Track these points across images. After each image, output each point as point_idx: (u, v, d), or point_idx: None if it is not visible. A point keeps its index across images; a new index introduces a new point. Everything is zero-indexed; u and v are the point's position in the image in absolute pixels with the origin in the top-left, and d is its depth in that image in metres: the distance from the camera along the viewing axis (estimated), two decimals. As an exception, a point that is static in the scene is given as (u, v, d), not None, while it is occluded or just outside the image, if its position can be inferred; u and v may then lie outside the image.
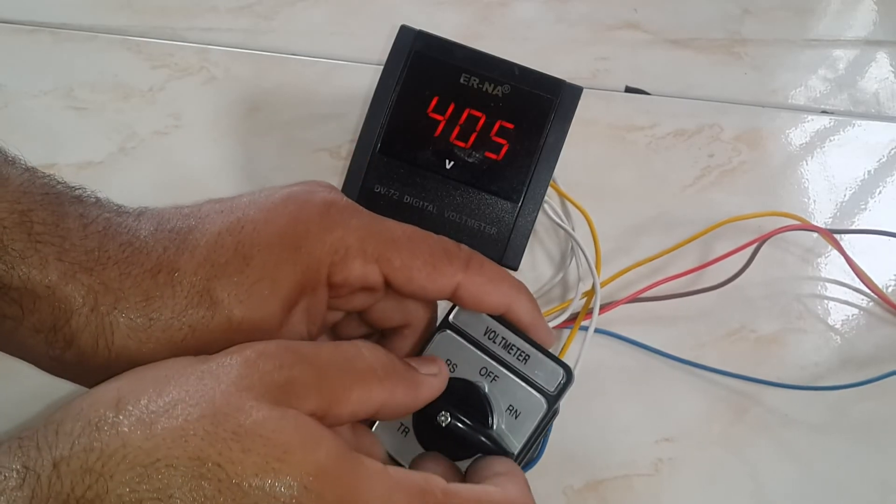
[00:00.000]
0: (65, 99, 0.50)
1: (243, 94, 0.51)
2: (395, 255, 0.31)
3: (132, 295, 0.28)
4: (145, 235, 0.30)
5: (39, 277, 0.27)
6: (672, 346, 0.43)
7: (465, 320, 0.34)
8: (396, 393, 0.29)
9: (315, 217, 0.31)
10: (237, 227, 0.30)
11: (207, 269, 0.29)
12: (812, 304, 0.46)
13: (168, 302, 0.28)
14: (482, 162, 0.39)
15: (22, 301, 0.27)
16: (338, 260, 0.31)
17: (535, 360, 0.33)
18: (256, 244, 0.30)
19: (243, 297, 0.29)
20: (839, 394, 0.42)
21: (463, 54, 0.39)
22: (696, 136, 0.51)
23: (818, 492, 0.41)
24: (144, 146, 0.49)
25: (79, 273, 0.28)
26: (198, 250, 0.29)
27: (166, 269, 0.29)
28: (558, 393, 0.32)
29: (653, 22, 0.56)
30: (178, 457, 0.23)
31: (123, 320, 0.28)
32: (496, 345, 0.33)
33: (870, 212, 0.49)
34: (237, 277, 0.29)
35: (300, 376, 0.26)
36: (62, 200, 0.29)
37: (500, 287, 0.32)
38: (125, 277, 0.28)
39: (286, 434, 0.24)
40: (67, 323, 0.28)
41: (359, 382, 0.28)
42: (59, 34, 0.53)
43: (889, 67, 0.55)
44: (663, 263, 0.45)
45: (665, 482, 0.41)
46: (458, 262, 0.32)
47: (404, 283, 0.31)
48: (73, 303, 0.28)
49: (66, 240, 0.28)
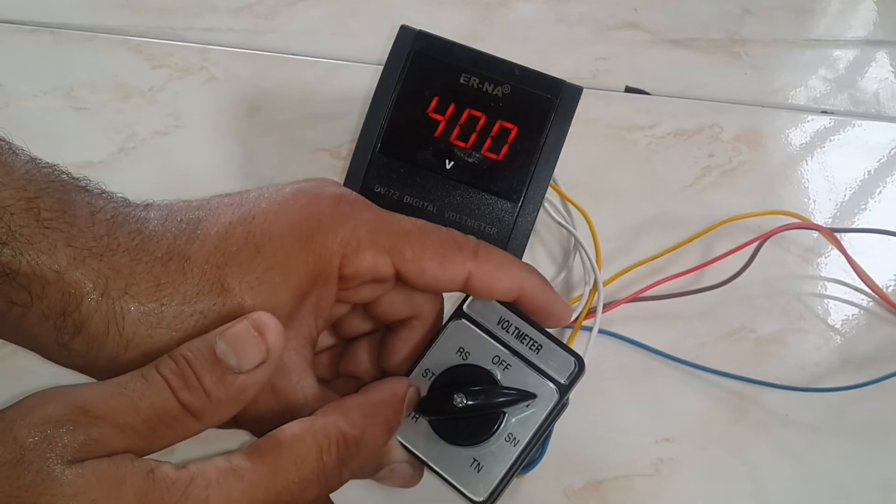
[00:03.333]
0: (65, 99, 0.50)
1: (243, 94, 0.51)
2: (406, 247, 0.31)
3: (143, 280, 0.28)
4: (155, 225, 0.29)
5: (48, 263, 0.27)
6: (672, 347, 0.43)
7: (478, 309, 0.34)
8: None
9: (327, 209, 0.31)
10: (248, 217, 0.30)
11: (219, 257, 0.29)
12: (812, 304, 0.46)
13: (179, 289, 0.28)
14: (482, 162, 0.39)
15: (31, 287, 0.27)
16: (350, 252, 0.31)
17: (548, 349, 0.33)
18: (268, 234, 0.30)
19: (255, 284, 0.29)
20: (839, 394, 0.42)
21: (463, 54, 0.39)
22: (696, 136, 0.51)
23: (818, 492, 0.41)
24: (144, 146, 0.49)
25: (89, 258, 0.28)
26: (209, 239, 0.29)
27: (177, 257, 0.29)
28: (570, 383, 0.32)
29: (653, 22, 0.56)
30: None
31: (134, 306, 0.28)
32: (509, 334, 0.33)
33: (870, 212, 0.49)
34: (248, 266, 0.29)
35: (95, 430, 0.25)
36: (68, 189, 0.29)
37: (510, 271, 0.33)
38: (136, 263, 0.28)
39: (88, 487, 0.24)
40: (77, 308, 0.27)
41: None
42: (60, 34, 0.53)
43: (889, 67, 0.55)
44: (664, 263, 0.45)
45: (665, 482, 0.41)
46: (467, 251, 0.32)
47: (416, 275, 0.31)
48: (84, 287, 0.27)
49: (75, 226, 0.28)
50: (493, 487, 0.31)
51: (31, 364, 0.31)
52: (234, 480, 0.26)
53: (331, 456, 0.28)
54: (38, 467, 0.24)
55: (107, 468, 0.24)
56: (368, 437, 0.29)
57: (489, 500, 0.31)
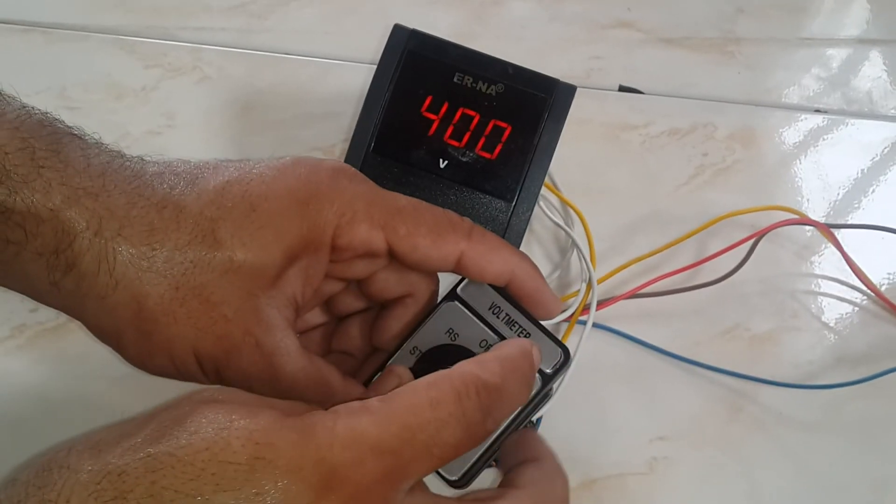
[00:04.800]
0: (57, 99, 0.50)
1: (237, 93, 0.51)
2: (400, 223, 0.31)
3: (137, 224, 0.28)
4: (151, 175, 0.30)
5: (43, 201, 0.27)
6: (667, 345, 0.43)
7: (471, 293, 0.34)
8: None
9: (325, 179, 0.31)
10: (246, 178, 0.30)
11: (213, 210, 0.29)
12: (807, 302, 0.46)
13: (171, 235, 0.28)
14: (476, 161, 0.39)
15: (25, 225, 0.27)
16: (344, 223, 0.31)
17: (535, 338, 0.33)
18: (264, 195, 0.30)
19: (247, 240, 0.29)
20: (833, 392, 0.42)
21: (457, 53, 0.39)
22: (689, 134, 0.51)
23: (812, 490, 0.41)
24: (138, 146, 0.49)
25: (83, 198, 0.28)
26: (205, 193, 0.30)
27: (172, 205, 0.29)
28: (554, 372, 0.32)
29: (646, 21, 0.56)
30: (128, 462, 0.23)
31: (126, 247, 0.28)
32: (499, 320, 0.33)
33: (863, 210, 0.49)
34: (242, 222, 0.29)
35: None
36: (62, 133, 0.29)
37: (503, 254, 0.33)
38: (131, 207, 0.28)
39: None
40: (70, 246, 0.28)
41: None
42: (52, 34, 0.53)
43: (882, 66, 0.55)
44: (659, 262, 0.45)
45: (659, 481, 0.41)
46: (461, 231, 0.32)
47: (409, 252, 0.32)
48: (77, 226, 0.28)
49: (70, 166, 0.28)
50: (468, 468, 0.31)
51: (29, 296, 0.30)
52: (364, 413, 0.25)
53: (470, 401, 0.27)
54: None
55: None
56: (509, 387, 0.29)
57: (462, 479, 0.31)
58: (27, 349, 0.43)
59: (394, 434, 0.25)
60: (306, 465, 0.23)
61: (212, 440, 0.23)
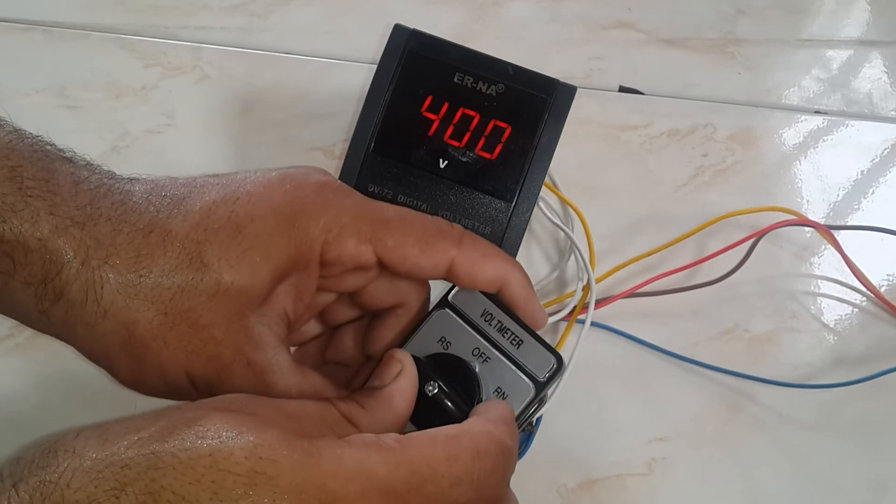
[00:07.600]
0: (57, 97, 0.50)
1: (237, 92, 0.51)
2: (388, 235, 0.31)
3: (123, 251, 0.28)
4: (138, 198, 0.30)
5: (31, 231, 0.27)
6: (666, 345, 0.43)
7: (463, 300, 0.34)
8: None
9: (310, 195, 0.31)
10: (232, 198, 0.30)
11: (200, 232, 0.29)
12: (806, 302, 0.46)
13: (158, 260, 0.29)
14: (476, 161, 0.39)
15: (14, 254, 0.27)
16: (331, 238, 0.31)
17: (529, 345, 0.33)
18: (250, 216, 0.30)
19: (234, 262, 0.29)
20: (832, 392, 0.42)
21: (457, 53, 0.39)
22: (689, 135, 0.51)
23: (811, 490, 0.41)
24: (137, 145, 0.49)
25: (70, 227, 0.28)
26: (191, 215, 0.30)
27: (158, 230, 0.29)
28: (547, 380, 0.33)
29: (647, 21, 0.56)
30: (132, 457, 0.23)
31: (113, 275, 0.28)
32: (491, 327, 0.33)
33: (863, 211, 0.49)
34: (229, 244, 0.29)
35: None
36: (52, 158, 0.29)
37: (495, 261, 0.33)
38: (117, 234, 0.28)
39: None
40: (58, 275, 0.28)
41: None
42: (52, 32, 0.53)
43: (882, 68, 0.55)
44: (658, 262, 0.45)
45: (659, 481, 0.41)
46: (451, 239, 0.32)
47: (398, 262, 0.32)
48: (64, 256, 0.28)
49: (58, 195, 0.28)
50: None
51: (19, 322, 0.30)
52: (376, 450, 0.25)
53: (488, 461, 0.27)
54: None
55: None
56: (516, 451, 0.30)
57: None
58: (26, 348, 0.43)
59: (403, 479, 0.25)
60: (307, 490, 0.23)
61: (216, 448, 0.23)
